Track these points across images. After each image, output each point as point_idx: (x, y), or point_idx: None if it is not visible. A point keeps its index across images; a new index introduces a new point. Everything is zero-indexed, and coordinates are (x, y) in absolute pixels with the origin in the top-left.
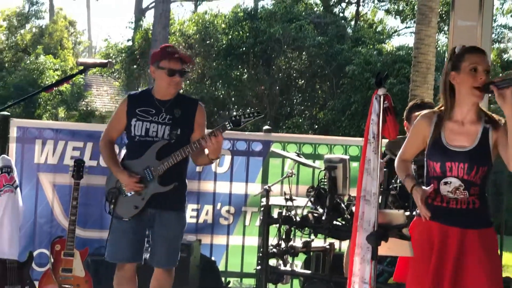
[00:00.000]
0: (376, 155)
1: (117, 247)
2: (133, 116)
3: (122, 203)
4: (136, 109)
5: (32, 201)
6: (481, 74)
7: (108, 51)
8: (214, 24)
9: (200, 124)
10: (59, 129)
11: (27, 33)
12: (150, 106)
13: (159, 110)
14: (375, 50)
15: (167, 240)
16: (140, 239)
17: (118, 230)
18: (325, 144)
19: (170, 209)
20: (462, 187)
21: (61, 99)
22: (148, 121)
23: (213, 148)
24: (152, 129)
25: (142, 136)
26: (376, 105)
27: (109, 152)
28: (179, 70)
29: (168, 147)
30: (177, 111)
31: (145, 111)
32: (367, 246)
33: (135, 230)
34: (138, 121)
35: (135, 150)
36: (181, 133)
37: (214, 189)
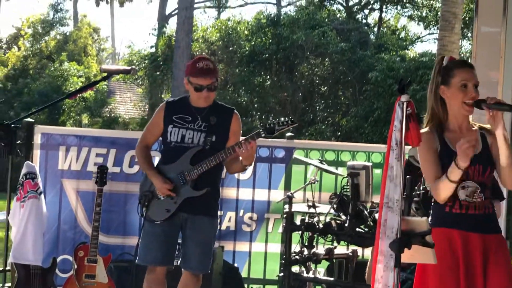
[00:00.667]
0: (399, 162)
1: (149, 250)
2: (170, 122)
3: (155, 206)
4: (173, 116)
5: (56, 207)
6: (471, 90)
7: (132, 57)
8: (237, 30)
9: (235, 132)
10: (82, 136)
11: (51, 40)
12: (187, 113)
13: (195, 117)
14: (398, 56)
15: (199, 244)
16: (172, 243)
17: (150, 233)
18: (348, 151)
19: (202, 214)
20: (478, 189)
21: (84, 105)
22: (184, 128)
23: (247, 155)
24: (188, 135)
25: (178, 142)
26: (399, 111)
27: (145, 156)
28: (208, 85)
29: (202, 153)
30: (213, 119)
31: (181, 118)
32: (390, 253)
33: (167, 234)
34: (174, 128)
35: (170, 155)
36: (216, 140)
37: (237, 195)
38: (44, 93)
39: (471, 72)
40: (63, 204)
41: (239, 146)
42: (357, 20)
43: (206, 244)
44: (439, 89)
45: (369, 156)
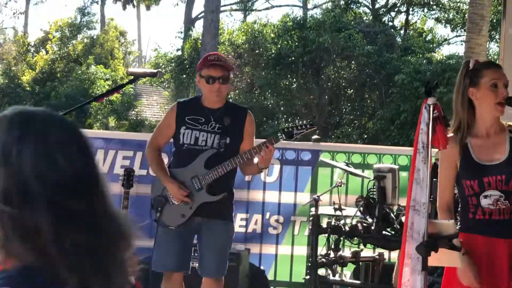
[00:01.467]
0: (425, 165)
1: (163, 256)
2: (182, 124)
3: (169, 212)
4: (186, 117)
5: None
6: (502, 89)
7: (158, 60)
8: (263, 33)
9: (249, 133)
10: (109, 139)
11: (78, 44)
12: (199, 115)
13: (209, 118)
14: (425, 59)
15: (215, 249)
16: (187, 248)
17: (164, 239)
18: (374, 154)
19: (218, 218)
20: (502, 197)
21: (111, 108)
22: (198, 130)
23: (264, 159)
24: (201, 137)
25: (191, 145)
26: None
27: (157, 160)
28: (219, 77)
29: (216, 156)
30: (227, 120)
31: (194, 119)
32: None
33: (181, 239)
34: (187, 129)
35: (183, 158)
36: (230, 142)
37: (263, 198)
38: (71, 96)
39: (500, 71)
40: None
41: (256, 150)
42: (384, 23)
43: (222, 249)
44: (467, 92)
45: (396, 158)
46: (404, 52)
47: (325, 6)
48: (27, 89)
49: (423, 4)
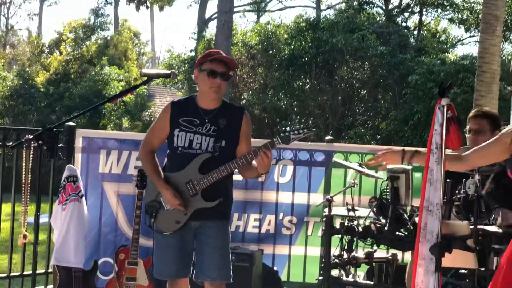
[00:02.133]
0: (439, 165)
1: (163, 263)
2: (176, 125)
3: (163, 217)
4: (180, 118)
5: (97, 211)
6: None
7: (171, 61)
8: (276, 34)
9: (246, 134)
10: (123, 139)
11: (92, 45)
12: (194, 116)
13: (203, 120)
14: (439, 59)
15: (215, 251)
16: (186, 253)
17: (162, 245)
18: None
19: (216, 219)
20: None
21: (125, 109)
22: (192, 132)
23: (263, 164)
24: (196, 140)
25: (185, 148)
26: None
27: (151, 162)
28: (222, 72)
29: (211, 160)
30: (222, 121)
31: (188, 121)
32: (430, 257)
33: (180, 244)
34: (181, 132)
35: (177, 162)
36: (225, 145)
37: (277, 199)
38: (85, 97)
39: None
40: (104, 207)
41: (252, 156)
42: (397, 23)
43: (222, 250)
44: None
45: None
46: (418, 53)
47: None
48: (41, 90)
49: (436, 4)
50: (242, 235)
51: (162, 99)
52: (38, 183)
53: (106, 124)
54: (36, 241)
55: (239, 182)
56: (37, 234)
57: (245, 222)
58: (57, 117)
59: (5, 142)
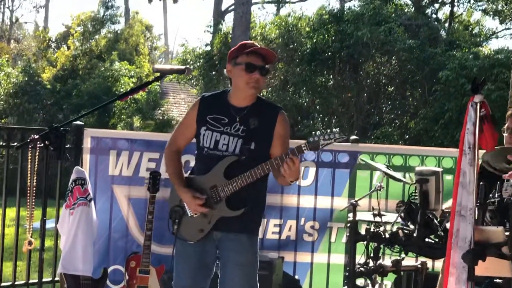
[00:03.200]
0: (472, 167)
1: (179, 274)
2: (203, 123)
3: (187, 224)
4: (207, 115)
5: (107, 215)
6: None
7: (186, 56)
8: (298, 27)
9: (280, 136)
10: (134, 140)
11: (101, 39)
12: (224, 114)
13: (233, 119)
14: (471, 53)
15: (239, 266)
16: (204, 265)
17: (182, 254)
18: (417, 156)
19: (240, 231)
20: None
21: (136, 107)
22: (219, 132)
23: (290, 172)
24: (222, 141)
25: (211, 149)
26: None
27: (174, 163)
28: (260, 66)
29: (239, 163)
30: (254, 121)
31: (216, 119)
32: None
33: (200, 255)
34: (207, 131)
35: (203, 163)
36: (255, 147)
37: (298, 203)
38: (94, 94)
39: None
40: (114, 211)
41: (278, 162)
42: (427, 15)
43: (247, 266)
44: None
45: (440, 161)
46: (449, 47)
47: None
48: (48, 87)
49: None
50: (261, 241)
51: (175, 97)
52: (44, 186)
53: (116, 123)
54: (42, 248)
55: None
56: (43, 240)
57: (264, 227)
58: (64, 116)
59: (10, 142)
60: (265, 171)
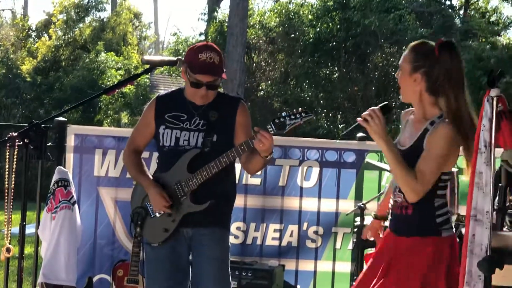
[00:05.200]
0: (488, 167)
1: (153, 281)
2: (161, 122)
3: (150, 226)
4: (166, 114)
5: (92, 220)
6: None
7: (178, 47)
8: (300, 15)
9: (243, 126)
10: (121, 137)
11: (86, 28)
12: (182, 111)
13: (192, 115)
14: (488, 43)
15: (212, 261)
16: (180, 267)
17: (152, 259)
18: None
19: (212, 225)
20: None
21: (124, 102)
22: (179, 129)
23: (264, 149)
24: (183, 137)
25: (172, 147)
26: (488, 108)
27: (135, 163)
28: (207, 83)
29: (201, 156)
30: (213, 114)
31: (175, 116)
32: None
33: (172, 258)
34: (167, 129)
35: (165, 161)
36: (218, 139)
37: (300, 206)
38: (78, 88)
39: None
40: (99, 215)
41: (243, 147)
42: (440, 2)
43: (222, 260)
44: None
45: None
46: (464, 36)
47: None
48: (28, 80)
49: None
50: (260, 248)
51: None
52: (23, 188)
53: (102, 119)
54: (22, 255)
55: (256, 186)
56: (23, 247)
57: (264, 233)
58: (46, 112)
59: None
60: (230, 158)
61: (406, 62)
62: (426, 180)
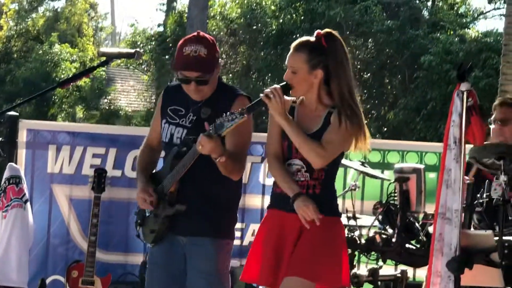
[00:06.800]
0: (458, 164)
1: (149, 282)
2: (164, 116)
3: (145, 225)
4: (168, 107)
5: (45, 218)
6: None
7: (135, 38)
8: (262, 5)
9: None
10: (76, 132)
11: (39, 18)
12: (182, 105)
13: (188, 110)
14: (457, 36)
15: (203, 275)
16: (176, 276)
17: (151, 260)
18: (396, 151)
19: (203, 235)
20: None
21: (79, 96)
22: (174, 124)
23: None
24: (176, 134)
25: (167, 143)
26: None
27: (142, 159)
28: (195, 79)
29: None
30: (206, 111)
31: (175, 110)
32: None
33: (167, 263)
34: (166, 123)
35: (164, 158)
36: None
37: (262, 204)
38: (30, 81)
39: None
40: (53, 214)
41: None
42: None
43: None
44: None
45: (422, 157)
46: (432, 28)
47: None
48: None
49: None
50: None
51: (124, 84)
52: None
53: (56, 113)
54: None
55: None
56: None
57: None
58: None
59: None
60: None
61: (301, 63)
62: (331, 147)
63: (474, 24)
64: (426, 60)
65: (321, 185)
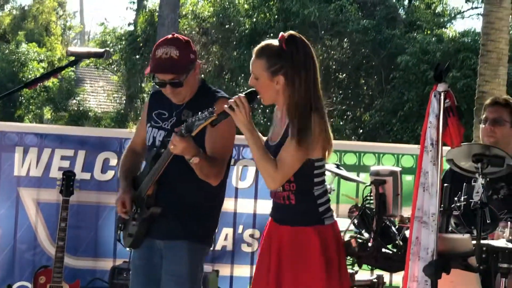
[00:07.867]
0: (435, 166)
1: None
2: (149, 120)
3: (125, 229)
4: (154, 111)
5: (11, 223)
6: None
7: (105, 37)
8: (235, 4)
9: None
10: (44, 134)
11: (5, 16)
12: (165, 108)
13: (171, 114)
14: (434, 36)
15: (173, 277)
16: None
17: (132, 265)
18: (372, 153)
19: (178, 238)
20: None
21: (47, 97)
22: (157, 128)
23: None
24: (158, 137)
25: (150, 147)
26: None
27: (123, 163)
28: (169, 81)
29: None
30: (187, 113)
31: (159, 114)
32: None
33: (146, 268)
34: (150, 127)
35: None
36: None
37: (235, 208)
38: None
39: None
40: (20, 218)
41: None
42: None
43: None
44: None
45: (398, 159)
46: (409, 28)
47: None
48: None
49: None
50: None
51: (93, 85)
52: None
53: (23, 115)
54: None
55: None
56: None
57: None
58: None
59: None
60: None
61: (261, 69)
62: (284, 168)
63: (452, 24)
64: (402, 60)
65: (295, 195)
